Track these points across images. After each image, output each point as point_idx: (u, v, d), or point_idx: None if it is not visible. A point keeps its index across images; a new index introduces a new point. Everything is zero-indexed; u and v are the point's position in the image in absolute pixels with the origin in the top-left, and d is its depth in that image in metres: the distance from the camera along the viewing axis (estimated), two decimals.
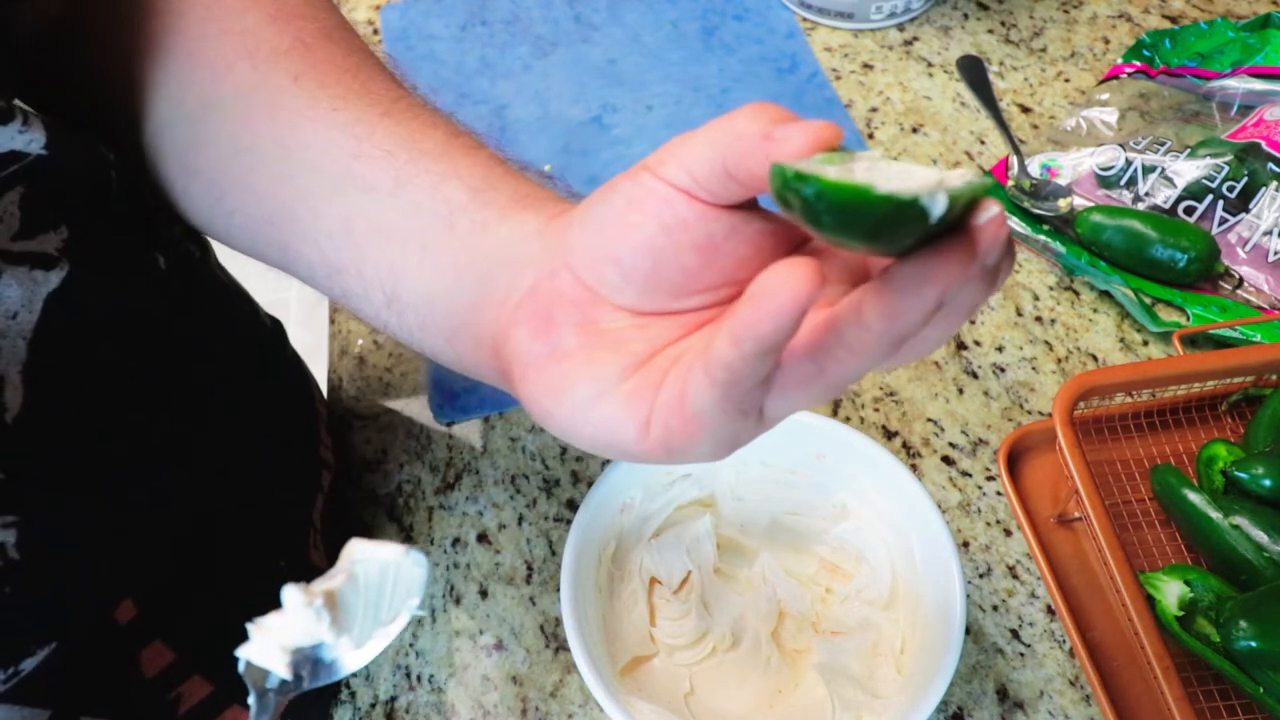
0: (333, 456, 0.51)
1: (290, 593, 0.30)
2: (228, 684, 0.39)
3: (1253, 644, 0.40)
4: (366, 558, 0.32)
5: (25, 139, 0.31)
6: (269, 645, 0.31)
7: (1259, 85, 0.64)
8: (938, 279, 0.22)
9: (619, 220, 0.27)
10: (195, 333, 0.40)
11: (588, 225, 0.28)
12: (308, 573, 0.45)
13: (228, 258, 0.52)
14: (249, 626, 0.30)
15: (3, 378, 0.29)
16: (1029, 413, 0.54)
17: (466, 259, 0.31)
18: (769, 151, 0.24)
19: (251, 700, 0.31)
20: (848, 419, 0.54)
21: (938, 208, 0.21)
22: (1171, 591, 0.43)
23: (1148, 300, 0.57)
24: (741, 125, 0.25)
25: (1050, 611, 0.47)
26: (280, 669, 0.30)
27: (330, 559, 0.48)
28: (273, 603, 0.33)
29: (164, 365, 0.37)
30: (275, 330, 0.50)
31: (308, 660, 0.31)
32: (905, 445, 0.53)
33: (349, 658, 0.32)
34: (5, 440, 0.29)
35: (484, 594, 0.49)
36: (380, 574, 0.32)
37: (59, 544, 0.31)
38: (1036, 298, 0.59)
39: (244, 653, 0.31)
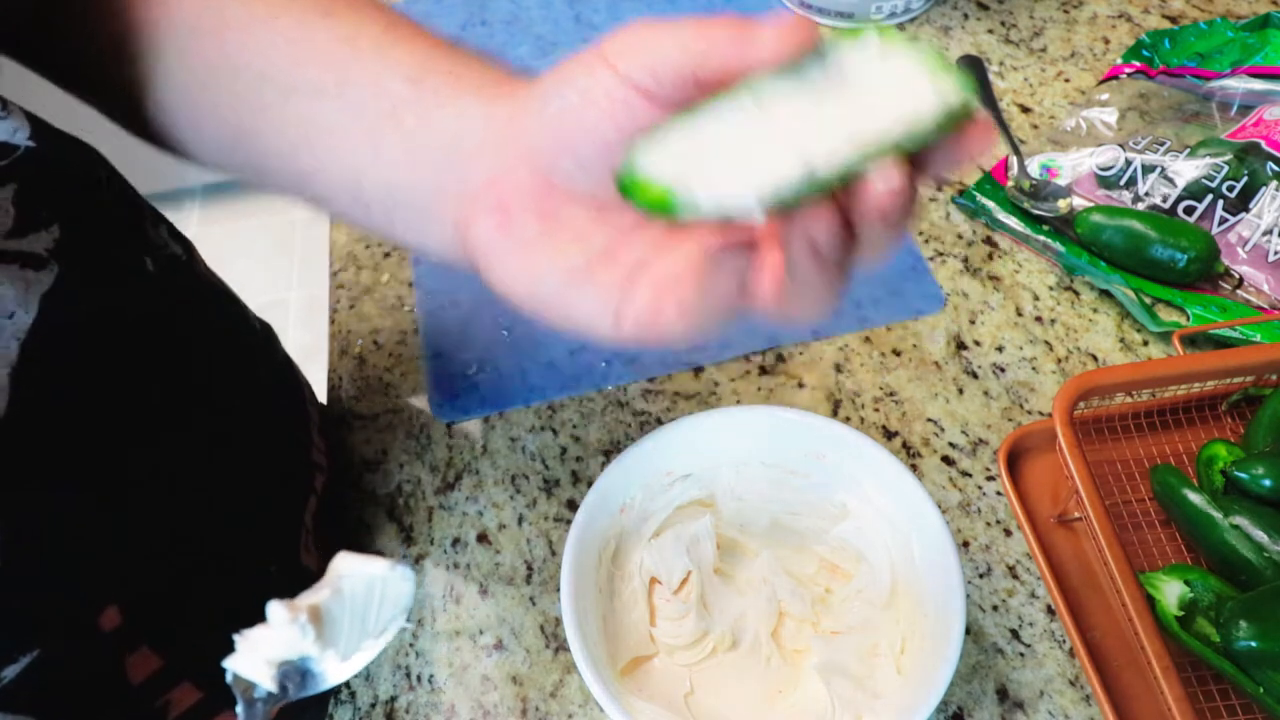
0: (325, 459, 0.51)
1: (275, 609, 0.30)
2: (218, 690, 0.38)
3: (1253, 644, 0.40)
4: (353, 572, 0.32)
5: (9, 127, 0.31)
6: (254, 658, 0.31)
7: (1259, 85, 0.64)
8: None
9: (575, 118, 0.28)
10: (184, 336, 0.40)
11: (544, 119, 0.29)
12: (299, 575, 0.45)
13: (226, 260, 0.52)
14: (235, 639, 0.30)
15: None
16: (1029, 413, 0.54)
17: (417, 151, 0.33)
18: (743, 54, 0.25)
19: (240, 710, 0.31)
20: (848, 419, 0.54)
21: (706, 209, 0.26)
22: (1171, 591, 0.43)
23: (1148, 300, 0.57)
24: (718, 31, 0.26)
25: (1050, 611, 0.47)
26: (266, 682, 0.31)
27: (324, 561, 0.47)
28: (263, 608, 0.33)
29: (152, 369, 0.37)
30: (265, 333, 0.49)
31: (294, 672, 0.31)
32: (905, 445, 0.53)
33: (335, 670, 0.32)
34: None
35: (484, 594, 0.49)
36: (367, 589, 0.32)
37: (42, 550, 0.31)
38: (1036, 298, 0.59)
39: (230, 664, 0.31)
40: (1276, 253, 0.57)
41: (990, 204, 0.62)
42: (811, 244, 0.26)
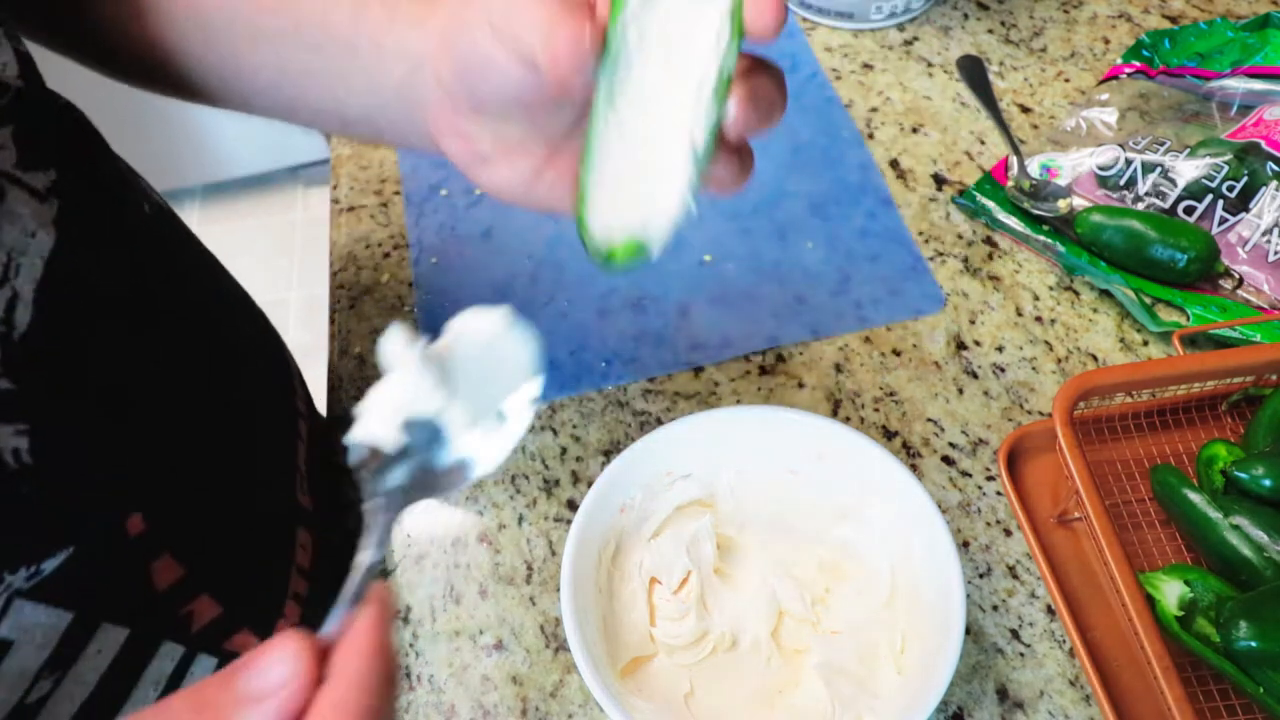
0: (307, 408, 0.54)
1: (392, 333, 0.29)
2: (236, 607, 0.40)
3: (1253, 644, 0.40)
4: (468, 327, 0.31)
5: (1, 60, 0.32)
6: (378, 416, 0.29)
7: (1259, 85, 0.64)
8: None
9: (478, 77, 0.32)
10: (178, 273, 0.43)
11: (456, 68, 0.33)
12: (296, 514, 0.48)
13: (226, 260, 0.52)
14: (355, 410, 0.30)
15: (16, 294, 0.31)
16: (1029, 413, 0.54)
17: (379, 82, 0.37)
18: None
19: (370, 509, 0.29)
20: (848, 419, 0.54)
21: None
22: (1171, 591, 0.43)
23: (1148, 300, 0.57)
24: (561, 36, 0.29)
25: (1050, 611, 0.47)
26: (391, 440, 0.29)
27: (319, 505, 0.50)
28: (264, 533, 0.34)
29: (152, 297, 0.39)
30: (241, 289, 0.52)
31: (422, 430, 0.29)
32: (905, 445, 0.53)
33: (476, 451, 0.30)
34: (14, 353, 0.31)
35: (484, 594, 0.49)
36: (485, 347, 0.31)
37: (68, 452, 0.33)
38: (1036, 298, 0.59)
39: (352, 437, 0.30)
40: (1276, 253, 0.57)
41: (990, 204, 0.62)
42: (716, 180, 0.32)
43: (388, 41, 0.36)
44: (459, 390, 0.30)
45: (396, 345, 0.29)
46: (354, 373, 0.58)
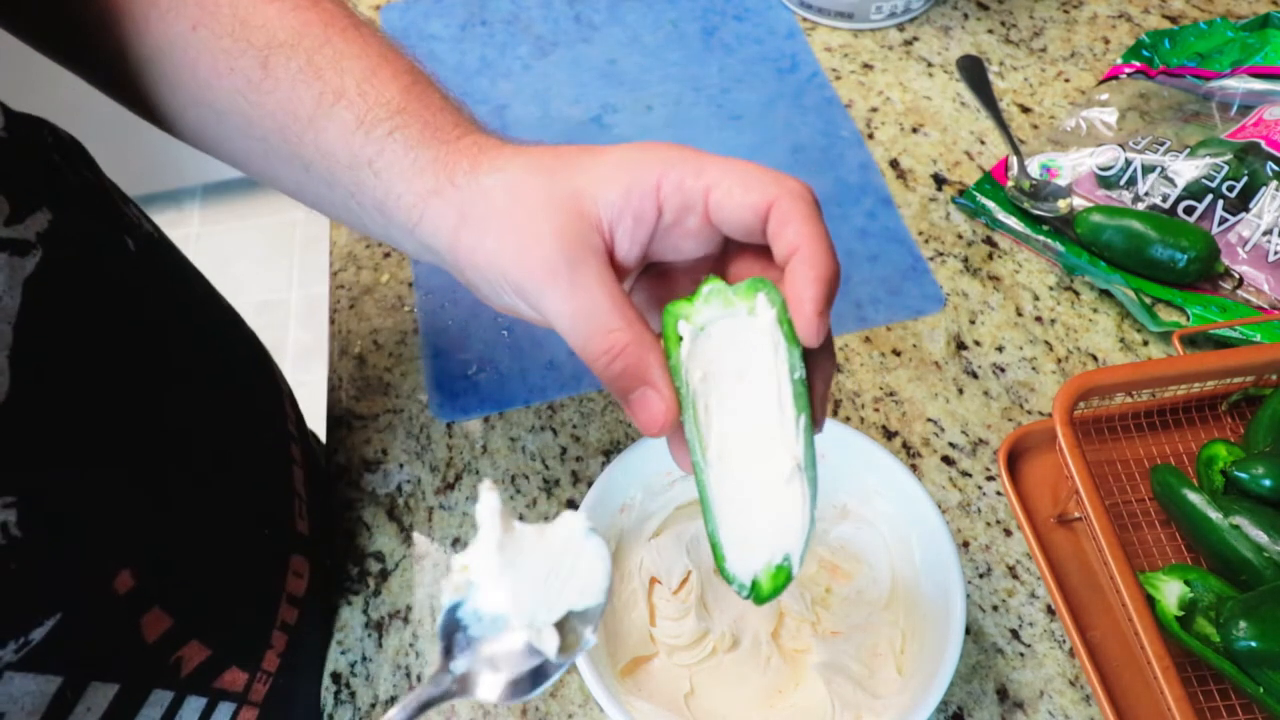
0: (298, 430, 0.53)
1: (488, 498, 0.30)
2: (224, 647, 0.40)
3: (1253, 644, 0.40)
4: (547, 529, 0.31)
5: None
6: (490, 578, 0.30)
7: (1258, 85, 0.64)
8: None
9: (481, 289, 0.35)
10: (164, 312, 0.42)
11: (480, 293, 0.36)
12: (294, 541, 0.46)
13: (226, 260, 0.52)
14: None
15: None
16: (1029, 413, 0.54)
17: (392, 228, 0.37)
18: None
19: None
20: (848, 419, 0.54)
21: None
22: (1171, 591, 0.43)
23: (1148, 300, 0.57)
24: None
25: (1050, 611, 0.47)
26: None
27: (316, 528, 0.49)
28: (259, 574, 0.34)
29: (136, 344, 0.38)
30: (233, 312, 0.51)
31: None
32: (905, 445, 0.53)
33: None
34: None
35: None
36: (557, 550, 0.31)
37: (57, 520, 0.32)
38: (1036, 298, 0.59)
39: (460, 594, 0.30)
40: (1276, 253, 0.57)
41: (990, 204, 0.62)
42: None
43: (389, 202, 0.36)
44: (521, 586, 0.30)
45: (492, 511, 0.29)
46: (354, 373, 0.58)
